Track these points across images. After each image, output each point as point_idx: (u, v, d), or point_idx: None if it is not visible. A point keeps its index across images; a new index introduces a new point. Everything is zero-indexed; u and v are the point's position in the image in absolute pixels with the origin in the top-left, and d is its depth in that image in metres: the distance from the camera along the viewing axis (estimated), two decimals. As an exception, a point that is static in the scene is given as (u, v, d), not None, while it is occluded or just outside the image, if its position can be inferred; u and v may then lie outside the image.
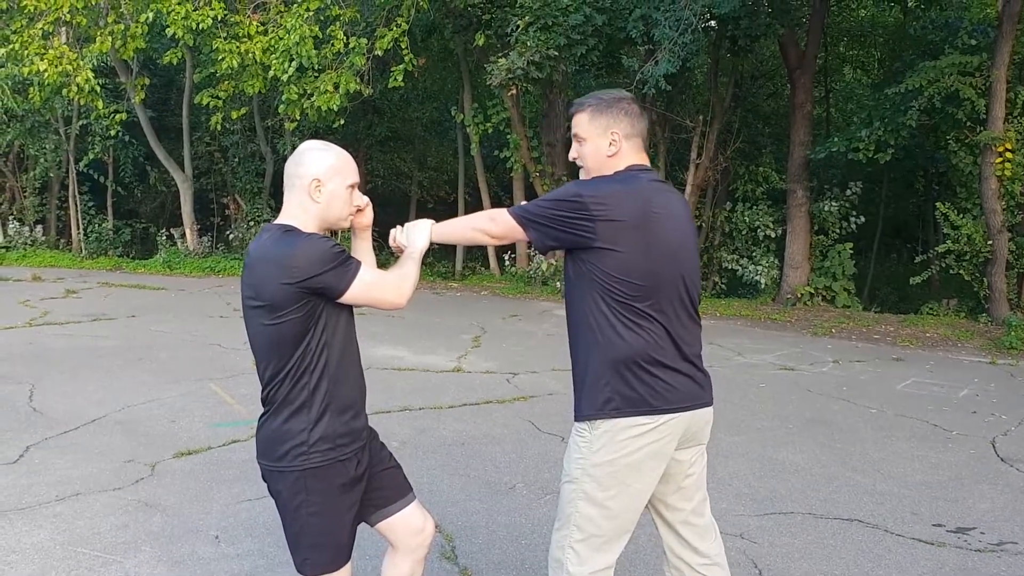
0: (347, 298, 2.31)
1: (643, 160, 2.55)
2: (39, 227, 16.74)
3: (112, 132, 14.89)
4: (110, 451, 5.01)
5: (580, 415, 2.46)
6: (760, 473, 4.90)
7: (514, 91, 12.15)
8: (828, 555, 3.81)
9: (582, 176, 2.60)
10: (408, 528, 2.56)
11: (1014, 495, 4.61)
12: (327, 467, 2.32)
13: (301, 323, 2.28)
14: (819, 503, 4.44)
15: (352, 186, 2.43)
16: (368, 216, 2.60)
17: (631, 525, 2.48)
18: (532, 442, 5.39)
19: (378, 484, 2.51)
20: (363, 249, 2.65)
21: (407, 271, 2.49)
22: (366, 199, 2.57)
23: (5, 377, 6.70)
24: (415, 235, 2.62)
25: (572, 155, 2.61)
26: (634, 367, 2.38)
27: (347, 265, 2.30)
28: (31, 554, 3.64)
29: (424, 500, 4.30)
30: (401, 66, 12.04)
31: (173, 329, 9.01)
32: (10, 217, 16.86)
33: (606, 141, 2.50)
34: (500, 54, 11.33)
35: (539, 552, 3.80)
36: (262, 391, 2.37)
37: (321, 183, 2.37)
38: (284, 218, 2.40)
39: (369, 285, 2.34)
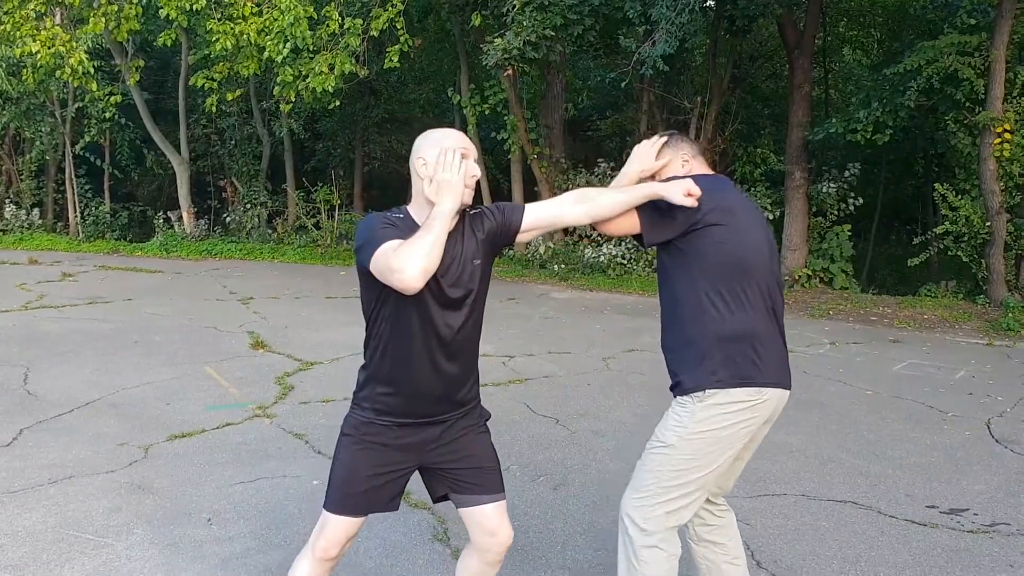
0: (373, 273, 2.31)
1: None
2: (36, 210, 16.68)
3: (108, 115, 14.82)
4: (104, 434, 5.01)
5: (685, 389, 2.58)
6: (754, 454, 4.89)
7: (510, 72, 12.08)
8: (821, 537, 3.81)
9: None
10: (479, 526, 2.59)
11: (1008, 476, 4.61)
12: (360, 421, 2.49)
13: (366, 289, 2.42)
14: (812, 485, 4.44)
15: (462, 154, 2.42)
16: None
17: (705, 492, 2.65)
18: (527, 424, 5.39)
19: (460, 476, 2.57)
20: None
21: (412, 242, 2.25)
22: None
23: (0, 360, 6.69)
24: (445, 192, 2.36)
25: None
26: (742, 343, 2.55)
27: (376, 241, 2.29)
28: (23, 537, 3.64)
29: (417, 482, 4.28)
30: (397, 47, 11.96)
31: (169, 312, 8.99)
32: (7, 200, 16.80)
33: (678, 163, 2.79)
34: (496, 34, 11.25)
35: (532, 534, 3.80)
36: None
37: (425, 161, 2.43)
38: (410, 203, 2.51)
39: (380, 260, 2.26)
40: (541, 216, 2.55)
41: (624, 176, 2.80)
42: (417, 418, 2.50)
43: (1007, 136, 9.96)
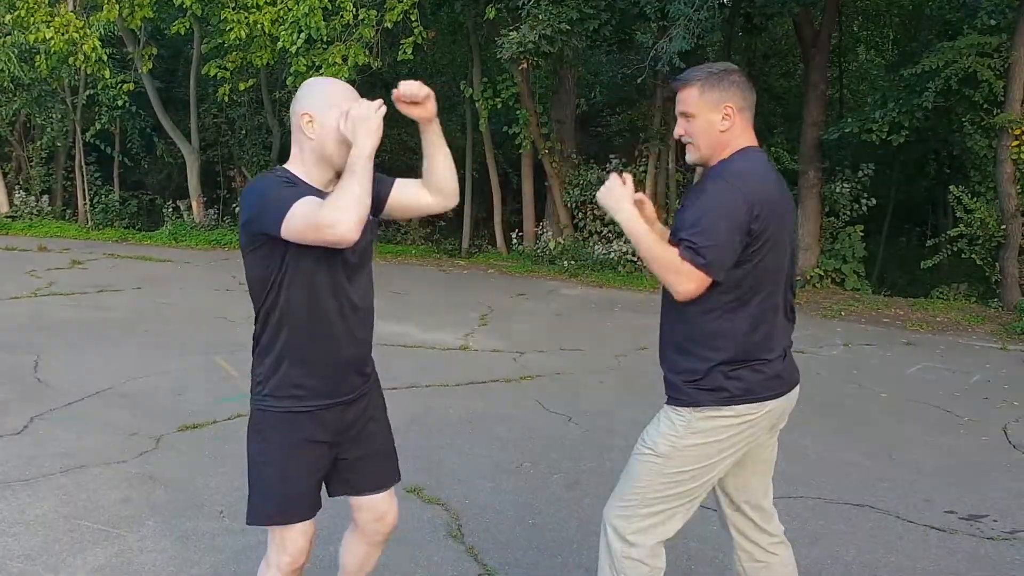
0: (287, 236, 2.15)
1: (752, 137, 2.47)
2: (45, 197, 16.66)
3: (119, 102, 14.78)
4: (115, 423, 4.98)
5: (683, 401, 2.42)
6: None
7: (525, 65, 12.01)
8: (839, 540, 3.77)
9: (691, 153, 2.47)
10: (370, 511, 2.52)
11: (1027, 483, 4.56)
12: (280, 415, 2.30)
13: (260, 265, 2.26)
14: (829, 487, 4.39)
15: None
16: (428, 109, 2.39)
17: (696, 504, 2.51)
18: (539, 421, 5.35)
19: (364, 467, 2.47)
20: (429, 148, 2.45)
21: (341, 191, 2.13)
22: (412, 87, 2.36)
23: (11, 347, 6.67)
24: (361, 131, 2.21)
25: (678, 133, 2.48)
26: (748, 354, 2.39)
27: (283, 200, 2.14)
28: (35, 526, 3.61)
29: (431, 478, 4.28)
30: (411, 39, 11.89)
31: (179, 301, 8.97)
32: (16, 187, 16.79)
33: (719, 115, 2.39)
34: (511, 27, 11.18)
35: (546, 531, 3.76)
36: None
37: (312, 117, 2.26)
38: (288, 162, 2.34)
39: (299, 219, 2.11)
40: (402, 193, 2.48)
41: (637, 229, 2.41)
42: (338, 397, 2.37)
43: (1025, 138, 9.86)
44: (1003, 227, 10.13)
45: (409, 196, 2.48)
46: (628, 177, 2.50)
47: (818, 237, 11.87)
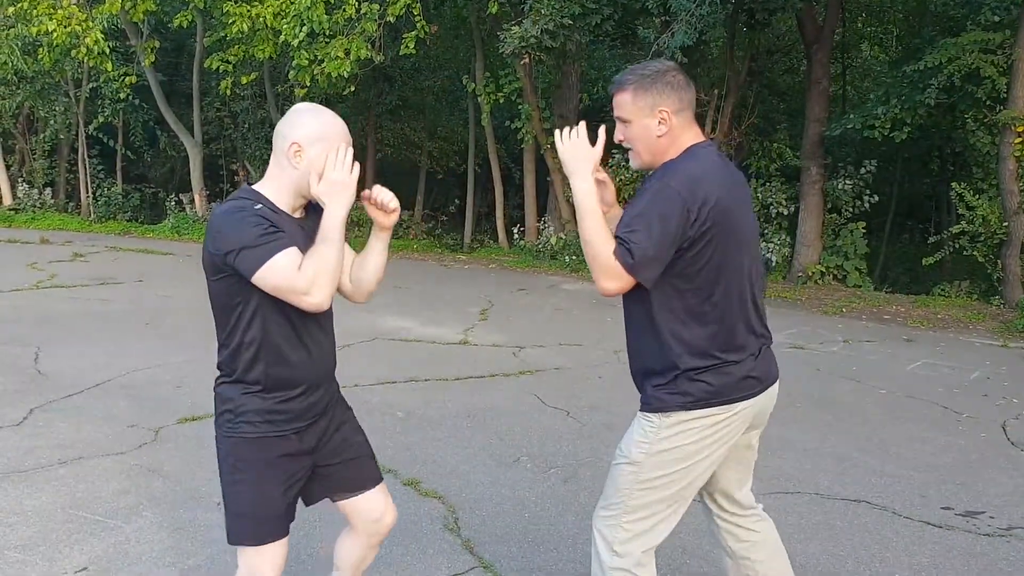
0: (258, 285, 2.16)
1: (698, 133, 2.42)
2: (48, 190, 16.71)
3: (122, 95, 14.80)
4: (114, 415, 5.00)
5: (650, 406, 2.39)
6: (766, 451, 4.81)
7: (527, 60, 12.00)
8: (835, 536, 3.77)
9: (633, 159, 2.44)
10: (366, 513, 2.52)
11: (1024, 480, 4.56)
12: (254, 439, 2.27)
13: (226, 294, 2.23)
14: (826, 483, 4.39)
15: None
16: (390, 220, 2.37)
17: (683, 506, 2.46)
18: (538, 416, 5.36)
19: (343, 472, 2.47)
20: (372, 249, 2.42)
21: (318, 260, 2.16)
22: (386, 196, 2.35)
23: (11, 339, 6.69)
24: (337, 197, 2.20)
25: (618, 137, 2.44)
26: (714, 356, 2.34)
27: (260, 249, 2.13)
28: (31, 517, 3.63)
29: (429, 472, 4.29)
30: (413, 33, 11.89)
31: (180, 295, 8.98)
32: (19, 179, 16.83)
33: (654, 120, 2.36)
34: (514, 22, 11.17)
35: (543, 525, 3.77)
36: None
37: (301, 149, 2.23)
38: (263, 180, 2.31)
39: (275, 278, 2.13)
40: None
41: (584, 193, 2.36)
42: (312, 418, 2.37)
43: (1028, 136, 9.83)
44: (1005, 224, 10.10)
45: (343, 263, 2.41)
46: (601, 139, 2.40)
47: (820, 233, 11.85)
